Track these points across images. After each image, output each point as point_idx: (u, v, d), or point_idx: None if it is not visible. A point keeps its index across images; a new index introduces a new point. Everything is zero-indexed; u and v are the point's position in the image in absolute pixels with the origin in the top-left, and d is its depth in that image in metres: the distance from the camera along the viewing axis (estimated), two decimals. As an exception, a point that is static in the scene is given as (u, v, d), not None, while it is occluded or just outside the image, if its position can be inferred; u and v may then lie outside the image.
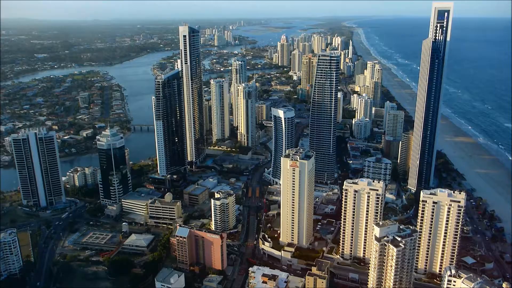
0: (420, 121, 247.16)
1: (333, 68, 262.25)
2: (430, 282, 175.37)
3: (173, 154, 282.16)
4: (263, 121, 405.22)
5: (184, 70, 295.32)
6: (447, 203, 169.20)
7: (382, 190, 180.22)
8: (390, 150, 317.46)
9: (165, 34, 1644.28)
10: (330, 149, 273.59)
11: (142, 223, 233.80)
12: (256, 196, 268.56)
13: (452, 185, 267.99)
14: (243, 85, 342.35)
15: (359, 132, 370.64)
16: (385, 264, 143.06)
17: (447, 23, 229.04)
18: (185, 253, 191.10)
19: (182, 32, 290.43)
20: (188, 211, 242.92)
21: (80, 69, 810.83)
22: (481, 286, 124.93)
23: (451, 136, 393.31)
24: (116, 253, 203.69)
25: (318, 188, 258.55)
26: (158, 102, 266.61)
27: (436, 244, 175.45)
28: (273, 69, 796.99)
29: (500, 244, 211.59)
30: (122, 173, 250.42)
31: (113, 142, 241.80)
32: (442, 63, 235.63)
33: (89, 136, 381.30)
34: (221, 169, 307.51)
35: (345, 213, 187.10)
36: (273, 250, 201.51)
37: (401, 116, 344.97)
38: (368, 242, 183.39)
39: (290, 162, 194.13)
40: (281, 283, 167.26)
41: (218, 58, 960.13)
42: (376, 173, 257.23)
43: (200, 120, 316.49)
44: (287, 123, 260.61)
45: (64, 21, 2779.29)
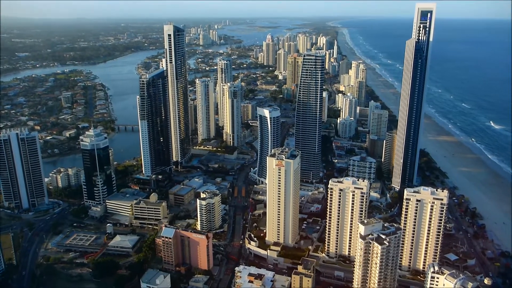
0: (404, 120, 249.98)
1: (318, 68, 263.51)
2: (414, 279, 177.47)
3: (158, 154, 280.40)
4: (249, 120, 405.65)
5: (169, 69, 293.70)
6: (430, 201, 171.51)
7: (367, 188, 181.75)
8: (375, 149, 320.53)
9: (149, 33, 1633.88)
10: (315, 148, 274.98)
11: (127, 224, 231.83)
12: (242, 196, 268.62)
13: (435, 183, 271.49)
14: (229, 85, 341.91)
15: (344, 132, 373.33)
16: (370, 262, 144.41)
17: (430, 24, 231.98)
18: (170, 253, 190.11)
19: (167, 31, 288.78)
20: (173, 212, 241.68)
21: (63, 68, 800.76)
22: (464, 282, 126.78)
23: (434, 135, 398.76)
24: (100, 254, 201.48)
25: (304, 187, 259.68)
26: (143, 101, 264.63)
27: (420, 242, 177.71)
28: (258, 69, 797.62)
29: (481, 241, 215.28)
30: (106, 174, 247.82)
31: (97, 142, 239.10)
32: (425, 63, 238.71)
33: (73, 137, 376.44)
34: (207, 169, 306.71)
35: (331, 211, 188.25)
36: (259, 250, 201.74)
37: (385, 115, 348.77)
38: (353, 240, 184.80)
39: (275, 162, 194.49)
40: (267, 282, 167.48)
41: (204, 58, 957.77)
42: (360, 172, 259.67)
43: (185, 119, 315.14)
44: (272, 123, 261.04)
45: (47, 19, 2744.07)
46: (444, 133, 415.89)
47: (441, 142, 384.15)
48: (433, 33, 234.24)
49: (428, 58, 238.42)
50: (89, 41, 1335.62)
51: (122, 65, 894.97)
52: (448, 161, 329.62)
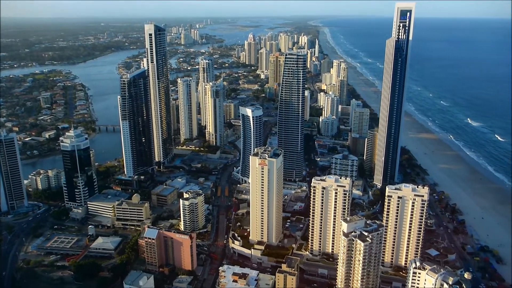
0: (385, 118, 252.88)
1: (300, 67, 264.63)
2: (396, 275, 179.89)
3: (140, 155, 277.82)
4: (231, 120, 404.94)
5: (151, 69, 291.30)
6: (411, 198, 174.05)
7: (349, 186, 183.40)
8: (357, 147, 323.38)
9: (130, 32, 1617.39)
10: (298, 147, 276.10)
11: (109, 226, 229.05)
12: (225, 195, 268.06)
13: (416, 180, 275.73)
14: (211, 84, 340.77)
15: (326, 130, 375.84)
16: (353, 259, 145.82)
17: (409, 23, 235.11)
18: (154, 254, 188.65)
19: (147, 31, 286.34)
20: (156, 212, 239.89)
21: (42, 69, 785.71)
22: (444, 277, 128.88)
23: (414, 133, 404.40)
24: (82, 257, 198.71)
25: (287, 185, 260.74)
26: (124, 101, 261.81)
27: (402, 238, 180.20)
28: (240, 68, 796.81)
29: (461, 236, 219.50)
30: (88, 175, 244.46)
31: (78, 143, 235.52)
32: (405, 62, 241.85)
33: (52, 138, 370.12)
34: (190, 168, 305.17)
35: (314, 209, 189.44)
36: (243, 249, 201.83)
37: (366, 113, 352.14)
38: (336, 237, 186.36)
39: (258, 161, 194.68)
40: (252, 282, 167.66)
41: (185, 57, 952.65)
42: (343, 170, 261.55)
43: (167, 119, 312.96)
44: (255, 122, 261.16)
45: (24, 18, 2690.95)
46: (424, 131, 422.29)
47: (422, 139, 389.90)
48: (413, 32, 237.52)
49: (408, 57, 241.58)
50: (68, 40, 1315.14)
51: (102, 65, 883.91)
52: (428, 158, 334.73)
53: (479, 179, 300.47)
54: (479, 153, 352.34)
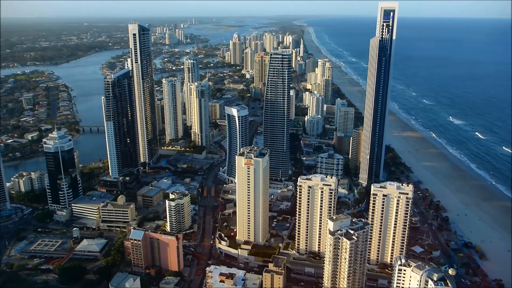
0: (370, 117, 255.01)
1: (285, 66, 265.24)
2: (382, 272, 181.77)
3: (125, 156, 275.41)
4: (217, 120, 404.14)
5: (135, 69, 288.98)
6: (396, 196, 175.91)
7: (335, 185, 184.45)
8: (342, 146, 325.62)
9: (114, 32, 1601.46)
10: (283, 146, 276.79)
11: (94, 228, 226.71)
12: (211, 196, 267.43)
13: (401, 178, 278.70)
14: (196, 84, 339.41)
15: (311, 129, 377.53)
16: (339, 257, 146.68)
17: (392, 23, 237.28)
18: (140, 256, 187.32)
19: (131, 31, 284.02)
20: (142, 213, 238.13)
21: (24, 69, 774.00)
22: (429, 274, 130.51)
23: (398, 131, 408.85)
24: (67, 259, 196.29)
25: (273, 185, 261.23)
26: (108, 102, 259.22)
27: (387, 235, 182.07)
28: (225, 68, 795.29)
29: (445, 233, 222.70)
30: (72, 177, 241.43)
31: (61, 145, 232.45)
32: (389, 61, 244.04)
33: (35, 139, 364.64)
34: (176, 169, 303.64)
35: (300, 209, 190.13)
36: (230, 249, 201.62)
37: (351, 112, 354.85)
38: (323, 236, 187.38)
39: (244, 161, 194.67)
40: (239, 281, 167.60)
41: (170, 57, 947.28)
42: (328, 168, 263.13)
43: (152, 120, 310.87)
44: (241, 122, 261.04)
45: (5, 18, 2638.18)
46: (408, 129, 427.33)
47: (406, 137, 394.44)
48: (396, 31, 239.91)
49: (391, 56, 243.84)
50: (50, 41, 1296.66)
51: (85, 65, 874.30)
52: (412, 156, 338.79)
53: (461, 176, 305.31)
54: (461, 150, 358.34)
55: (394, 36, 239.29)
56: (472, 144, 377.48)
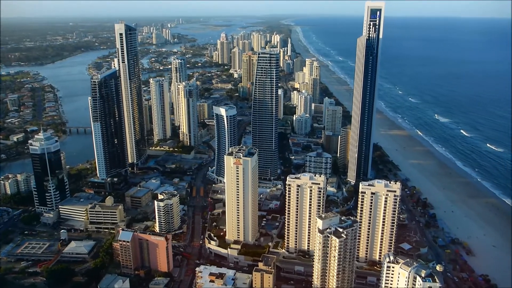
0: (357, 115, 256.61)
1: (273, 66, 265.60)
2: (371, 270, 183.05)
3: (112, 156, 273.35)
4: (205, 119, 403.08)
5: (122, 69, 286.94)
6: (384, 193, 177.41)
7: (324, 183, 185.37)
8: (330, 145, 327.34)
9: (100, 32, 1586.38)
10: (272, 145, 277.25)
11: (82, 229, 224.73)
12: (200, 196, 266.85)
13: (388, 176, 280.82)
14: (184, 84, 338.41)
15: (300, 128, 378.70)
16: (329, 255, 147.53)
17: (379, 22, 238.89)
18: (129, 257, 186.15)
19: (118, 30, 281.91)
20: (131, 214, 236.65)
21: (8, 70, 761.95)
22: (417, 270, 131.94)
23: (386, 130, 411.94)
24: (55, 262, 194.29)
25: (262, 184, 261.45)
26: (95, 103, 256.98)
27: (375, 233, 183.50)
28: (213, 67, 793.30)
29: (433, 230, 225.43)
30: (59, 178, 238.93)
31: (47, 146, 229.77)
32: (376, 60, 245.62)
33: (21, 141, 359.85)
34: (164, 169, 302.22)
35: (289, 207, 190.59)
36: (219, 249, 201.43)
37: (339, 111, 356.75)
38: (312, 234, 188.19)
39: (233, 160, 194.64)
40: (229, 281, 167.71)
41: (157, 57, 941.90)
42: (317, 167, 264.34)
43: (140, 120, 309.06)
44: (229, 121, 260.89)
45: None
46: (395, 127, 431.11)
47: (393, 136, 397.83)
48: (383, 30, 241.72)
49: (378, 55, 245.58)
50: (35, 41, 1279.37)
51: (71, 65, 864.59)
52: (399, 154, 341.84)
53: (448, 173, 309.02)
54: (447, 148, 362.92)
55: (381, 35, 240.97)
56: (457, 141, 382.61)
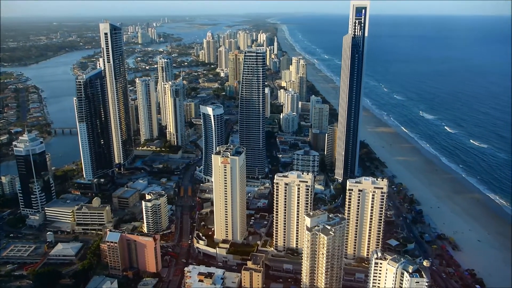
0: (344, 113, 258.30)
1: (259, 64, 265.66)
2: (359, 266, 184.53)
3: (99, 157, 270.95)
4: (192, 119, 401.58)
5: (107, 69, 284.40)
6: (371, 190, 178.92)
7: (311, 181, 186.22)
8: (317, 143, 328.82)
9: (85, 32, 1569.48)
10: (260, 144, 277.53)
11: (69, 231, 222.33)
12: (188, 195, 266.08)
13: (375, 173, 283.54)
14: (170, 83, 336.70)
15: (287, 127, 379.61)
16: (317, 253, 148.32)
17: (364, 20, 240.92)
18: (117, 258, 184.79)
19: (103, 30, 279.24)
20: (118, 215, 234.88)
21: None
22: (405, 266, 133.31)
23: (372, 127, 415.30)
24: (41, 265, 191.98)
25: (250, 183, 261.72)
26: (81, 103, 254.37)
27: (363, 230, 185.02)
28: (200, 67, 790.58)
29: (419, 226, 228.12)
30: (44, 180, 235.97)
31: (32, 148, 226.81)
32: (362, 58, 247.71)
33: (5, 142, 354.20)
34: (151, 169, 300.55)
35: (277, 206, 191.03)
36: (208, 248, 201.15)
37: (326, 109, 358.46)
38: (300, 232, 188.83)
39: (221, 159, 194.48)
40: (218, 280, 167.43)
41: (143, 56, 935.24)
42: (304, 165, 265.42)
43: (126, 120, 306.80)
44: (216, 120, 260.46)
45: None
46: (382, 125, 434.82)
47: (379, 133, 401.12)
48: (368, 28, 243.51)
49: (364, 53, 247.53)
50: (18, 41, 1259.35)
51: (56, 65, 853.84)
52: (386, 151, 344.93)
53: (434, 170, 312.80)
54: (432, 145, 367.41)
55: (366, 33, 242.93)
56: (442, 138, 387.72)
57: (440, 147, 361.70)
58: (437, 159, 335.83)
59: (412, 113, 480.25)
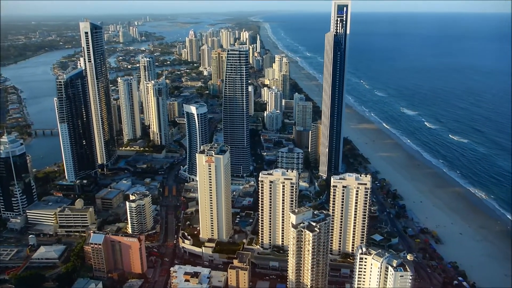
0: (327, 110, 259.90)
1: (242, 63, 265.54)
2: (344, 262, 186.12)
3: (81, 158, 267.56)
4: (176, 118, 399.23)
5: (88, 68, 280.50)
6: (355, 187, 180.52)
7: (296, 179, 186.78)
8: (301, 140, 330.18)
9: (64, 31, 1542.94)
10: (244, 142, 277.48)
11: (52, 234, 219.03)
12: (173, 195, 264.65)
13: (359, 169, 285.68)
14: (153, 83, 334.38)
15: (271, 124, 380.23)
16: (303, 249, 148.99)
17: (346, 17, 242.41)
18: (101, 260, 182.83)
19: (83, 29, 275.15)
20: (102, 217, 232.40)
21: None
22: (389, 260, 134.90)
23: (355, 123, 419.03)
24: (23, 268, 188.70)
25: (235, 181, 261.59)
26: (61, 103, 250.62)
27: (348, 226, 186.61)
28: (182, 65, 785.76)
29: (403, 220, 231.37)
30: (25, 182, 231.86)
31: (12, 149, 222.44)
32: (344, 55, 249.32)
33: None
34: (135, 170, 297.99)
35: (262, 204, 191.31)
36: (193, 247, 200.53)
37: (309, 107, 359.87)
38: (286, 230, 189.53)
39: (205, 158, 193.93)
40: (204, 279, 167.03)
41: (125, 55, 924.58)
42: (289, 163, 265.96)
43: (109, 120, 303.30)
44: (200, 119, 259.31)
45: None
46: (364, 121, 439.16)
47: (362, 129, 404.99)
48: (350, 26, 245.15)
49: (346, 50, 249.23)
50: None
51: (35, 65, 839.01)
52: (369, 147, 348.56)
53: (416, 165, 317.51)
54: (414, 140, 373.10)
55: (348, 30, 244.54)
56: (423, 133, 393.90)
57: (421, 142, 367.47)
58: (419, 154, 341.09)
59: (393, 110, 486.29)
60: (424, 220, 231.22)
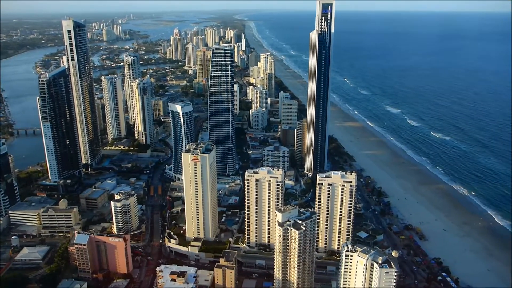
0: (312, 109, 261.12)
1: (227, 61, 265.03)
2: (330, 259, 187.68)
3: (65, 158, 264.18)
4: (161, 117, 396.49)
5: (71, 67, 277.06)
6: (340, 184, 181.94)
7: (282, 177, 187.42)
8: (287, 138, 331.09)
9: (47, 29, 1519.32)
10: (229, 141, 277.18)
11: (35, 235, 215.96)
12: (158, 194, 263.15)
13: (344, 167, 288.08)
14: (138, 81, 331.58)
15: (256, 123, 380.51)
16: (289, 247, 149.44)
17: (330, 16, 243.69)
18: (86, 260, 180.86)
19: (66, 27, 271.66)
20: (86, 217, 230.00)
21: None
22: (374, 257, 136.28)
23: (340, 122, 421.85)
24: (6, 270, 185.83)
25: (221, 180, 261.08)
26: (44, 102, 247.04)
27: (334, 223, 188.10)
28: (167, 64, 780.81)
29: (388, 217, 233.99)
30: (7, 183, 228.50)
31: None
32: (329, 54, 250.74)
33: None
34: (120, 169, 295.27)
35: (248, 202, 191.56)
36: (179, 247, 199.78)
37: (295, 105, 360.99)
38: (272, 228, 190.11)
39: (191, 157, 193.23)
40: (190, 279, 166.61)
41: (109, 54, 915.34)
42: (275, 161, 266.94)
43: (93, 119, 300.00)
44: (185, 118, 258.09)
45: None
46: (349, 119, 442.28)
47: (347, 127, 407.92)
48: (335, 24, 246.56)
49: (331, 49, 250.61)
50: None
51: (16, 64, 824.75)
52: (354, 145, 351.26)
53: (400, 162, 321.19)
54: (398, 138, 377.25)
55: (333, 29, 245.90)
56: (407, 131, 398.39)
57: (405, 140, 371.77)
58: (403, 152, 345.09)
59: (377, 108, 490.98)
60: (408, 217, 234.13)
